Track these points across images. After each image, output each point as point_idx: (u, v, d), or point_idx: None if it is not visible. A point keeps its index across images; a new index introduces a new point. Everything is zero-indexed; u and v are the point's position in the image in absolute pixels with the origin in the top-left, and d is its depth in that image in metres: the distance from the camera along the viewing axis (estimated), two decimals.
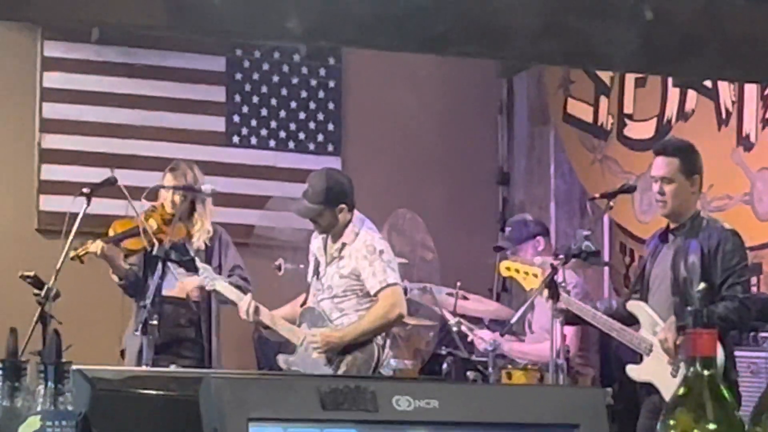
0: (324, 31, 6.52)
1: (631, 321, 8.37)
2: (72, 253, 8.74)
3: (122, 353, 9.07)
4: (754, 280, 9.57)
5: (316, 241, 8.91)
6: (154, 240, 8.95)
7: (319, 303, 8.78)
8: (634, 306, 8.42)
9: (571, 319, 8.61)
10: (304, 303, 8.91)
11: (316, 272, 8.87)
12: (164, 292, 8.88)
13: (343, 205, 8.68)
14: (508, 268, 9.42)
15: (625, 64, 8.26)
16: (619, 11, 6.59)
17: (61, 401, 2.26)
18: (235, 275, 9.20)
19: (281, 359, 8.84)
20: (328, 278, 8.75)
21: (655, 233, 8.61)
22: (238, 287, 9.03)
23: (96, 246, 8.95)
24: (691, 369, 2.55)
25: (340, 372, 8.46)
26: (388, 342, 8.78)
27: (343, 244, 8.69)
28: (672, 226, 8.34)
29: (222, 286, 8.95)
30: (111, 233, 9.12)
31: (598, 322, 8.60)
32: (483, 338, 9.55)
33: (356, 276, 8.64)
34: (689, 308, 2.56)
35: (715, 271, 7.98)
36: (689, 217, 8.29)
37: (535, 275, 8.91)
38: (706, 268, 7.98)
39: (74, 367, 2.38)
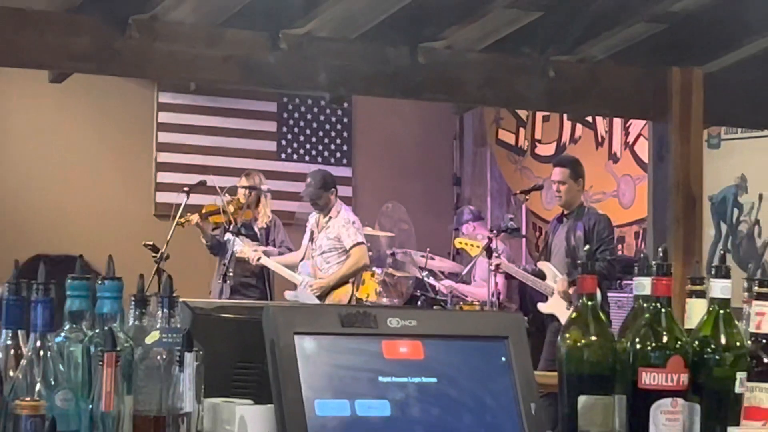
0: (341, 84, 6.52)
1: (541, 274, 8.39)
2: (180, 220, 8.79)
3: (209, 294, 9.08)
4: (620, 246, 9.57)
5: (312, 219, 9.04)
6: (231, 218, 9.00)
7: (313, 258, 8.91)
8: (543, 265, 8.43)
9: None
10: (303, 258, 9.02)
11: (311, 238, 8.99)
12: (237, 255, 8.91)
13: (333, 189, 8.90)
14: (460, 242, 9.48)
15: (536, 105, 8.29)
16: (532, 70, 6.58)
17: (172, 321, 2.24)
18: (284, 247, 9.24)
19: (287, 294, 8.98)
20: (320, 241, 8.89)
21: (555, 217, 8.63)
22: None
23: (194, 217, 8.99)
24: (580, 301, 2.53)
25: (327, 302, 8.61)
26: (357, 284, 8.94)
27: (330, 218, 8.87)
28: (565, 212, 8.33)
29: (266, 259, 9.02)
30: (203, 211, 9.18)
31: (518, 275, 8.62)
32: (444, 285, 9.58)
33: (338, 239, 8.82)
34: (579, 262, 2.56)
35: (593, 241, 7.99)
36: (576, 207, 8.28)
37: (478, 246, 8.96)
38: (587, 239, 7.97)
39: (180, 299, 2.38)
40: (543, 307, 8.29)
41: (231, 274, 8.77)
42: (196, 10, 5.79)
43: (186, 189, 9.03)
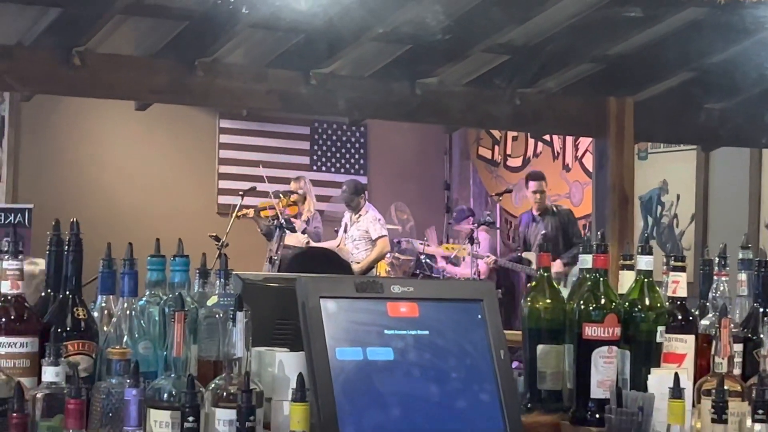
0: (357, 110, 6.52)
1: (527, 262, 8.44)
2: (238, 213, 8.76)
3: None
4: None
5: (346, 215, 9.09)
6: (278, 212, 8.99)
7: (346, 245, 8.94)
8: (527, 254, 8.51)
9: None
10: (338, 245, 9.00)
11: (345, 230, 9.03)
12: (285, 242, 8.96)
13: (363, 194, 9.01)
14: (446, 247, 9.62)
15: (507, 126, 8.27)
16: (502, 99, 6.57)
17: (227, 289, 2.26)
18: (316, 232, 9.19)
19: None
20: (352, 232, 8.94)
21: (525, 214, 8.71)
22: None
23: (250, 211, 8.97)
24: (538, 273, 2.55)
25: None
26: (376, 267, 8.92)
27: (360, 215, 8.94)
28: (538, 212, 8.45)
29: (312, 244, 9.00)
30: (258, 207, 9.18)
31: (508, 266, 8.72)
32: (440, 267, 9.61)
33: (366, 231, 8.88)
34: (539, 244, 2.56)
35: (570, 233, 8.17)
36: (546, 208, 8.41)
37: (464, 249, 9.09)
38: (564, 230, 8.16)
39: (234, 272, 2.38)
40: None
41: (276, 258, 8.77)
42: (246, 54, 5.84)
43: (240, 193, 9.10)
